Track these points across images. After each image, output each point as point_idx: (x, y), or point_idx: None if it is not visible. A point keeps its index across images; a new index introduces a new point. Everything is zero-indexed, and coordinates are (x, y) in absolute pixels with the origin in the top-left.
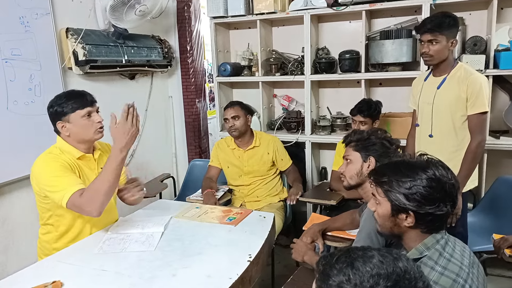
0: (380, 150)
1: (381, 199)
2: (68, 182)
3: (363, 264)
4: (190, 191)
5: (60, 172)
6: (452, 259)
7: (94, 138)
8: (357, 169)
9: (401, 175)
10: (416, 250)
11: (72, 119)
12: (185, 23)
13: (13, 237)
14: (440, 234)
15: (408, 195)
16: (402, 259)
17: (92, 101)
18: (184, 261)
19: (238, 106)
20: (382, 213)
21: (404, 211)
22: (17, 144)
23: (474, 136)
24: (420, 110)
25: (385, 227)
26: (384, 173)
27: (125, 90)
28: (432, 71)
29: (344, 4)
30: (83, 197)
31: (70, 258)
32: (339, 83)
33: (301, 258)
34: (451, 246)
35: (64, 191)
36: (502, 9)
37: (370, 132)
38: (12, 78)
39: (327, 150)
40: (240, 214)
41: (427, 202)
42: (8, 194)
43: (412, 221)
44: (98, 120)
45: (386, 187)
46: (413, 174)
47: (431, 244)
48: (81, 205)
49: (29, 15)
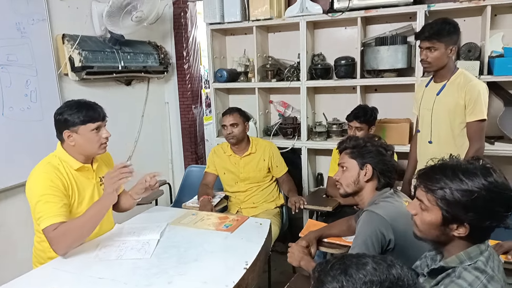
0: (376, 158)
1: (431, 206)
2: (49, 210)
3: (357, 271)
4: (186, 198)
5: (47, 196)
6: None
7: (98, 152)
8: (354, 177)
9: (459, 181)
10: (457, 258)
11: (81, 130)
12: (181, 29)
13: (9, 245)
14: (484, 245)
15: (466, 206)
16: (396, 266)
17: (104, 116)
18: (180, 268)
19: (237, 113)
20: (430, 221)
21: (457, 222)
22: (12, 151)
23: (472, 143)
24: (421, 116)
25: (429, 234)
26: (438, 179)
27: (121, 96)
28: (433, 77)
29: (340, 11)
30: (55, 232)
31: (66, 266)
32: (335, 89)
33: (297, 263)
34: (492, 260)
35: (43, 218)
36: (496, 16)
37: (365, 139)
38: (8, 84)
39: (323, 156)
40: (237, 220)
41: (489, 215)
42: (4, 201)
43: (465, 232)
44: (106, 136)
45: (441, 195)
46: (472, 182)
47: (474, 254)
48: (50, 240)
49: (25, 21)
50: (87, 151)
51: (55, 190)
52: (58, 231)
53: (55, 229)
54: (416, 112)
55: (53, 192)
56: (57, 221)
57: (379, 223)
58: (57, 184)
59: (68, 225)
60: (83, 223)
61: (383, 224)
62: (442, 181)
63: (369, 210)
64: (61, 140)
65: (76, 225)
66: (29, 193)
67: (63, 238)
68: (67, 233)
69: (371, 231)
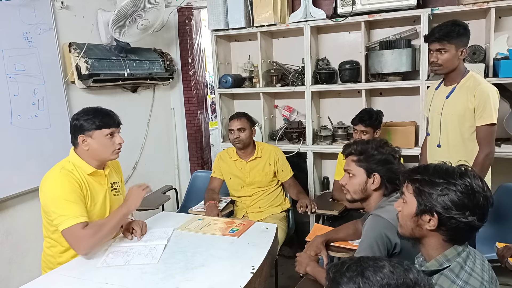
0: (384, 167)
1: (409, 196)
2: (75, 210)
3: (374, 273)
4: (192, 203)
5: (69, 196)
6: (473, 273)
7: (111, 158)
8: (362, 185)
9: (437, 177)
10: (436, 262)
11: (96, 135)
12: (186, 36)
13: (17, 251)
14: (461, 247)
15: (438, 196)
16: (413, 270)
17: (118, 123)
18: (187, 274)
19: (244, 118)
20: (407, 212)
21: (429, 212)
22: (20, 158)
23: (482, 148)
24: (430, 119)
25: (406, 227)
26: (420, 172)
27: (127, 103)
28: (443, 80)
29: (343, 16)
30: (84, 231)
31: (74, 272)
32: (340, 93)
33: (303, 270)
34: (472, 260)
35: (66, 217)
36: (500, 18)
37: (373, 145)
38: (16, 93)
39: (329, 160)
40: (243, 225)
41: (455, 207)
42: (12, 207)
43: (434, 224)
44: (119, 142)
45: (418, 185)
46: (449, 178)
47: (452, 256)
48: (77, 238)
49: (32, 30)
50: (100, 156)
51: (75, 192)
52: (89, 230)
53: (85, 228)
54: (426, 115)
55: (74, 193)
56: (82, 221)
57: (384, 227)
58: (76, 186)
59: (99, 225)
60: (113, 225)
61: (388, 227)
62: (423, 173)
63: (375, 214)
64: (75, 145)
65: (106, 226)
66: (45, 196)
67: (93, 237)
68: (98, 232)
69: (377, 234)
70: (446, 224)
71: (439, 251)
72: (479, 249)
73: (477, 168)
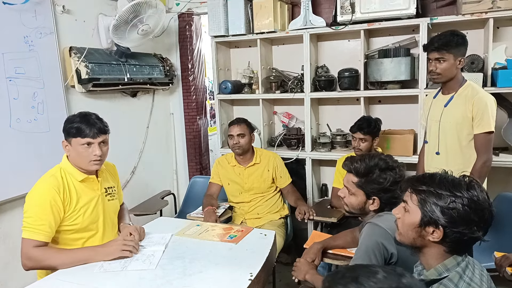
0: (386, 194)
1: (413, 207)
2: (39, 225)
3: (367, 279)
4: (190, 208)
5: (43, 209)
6: (472, 283)
7: (88, 168)
8: (360, 205)
9: (443, 189)
10: (435, 271)
11: (73, 143)
12: (186, 42)
13: (14, 255)
14: (461, 257)
15: (444, 209)
16: (406, 276)
17: (96, 133)
18: (185, 280)
19: (244, 124)
20: (409, 221)
21: (433, 224)
22: (19, 162)
23: (479, 156)
24: (428, 127)
25: (407, 236)
26: (425, 182)
27: (127, 107)
28: (441, 89)
29: (343, 24)
30: (33, 251)
31: (70, 277)
32: (339, 101)
33: (302, 277)
34: (470, 270)
35: (28, 227)
36: (498, 28)
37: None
38: (15, 96)
39: (328, 167)
40: (241, 231)
41: (462, 221)
42: (10, 211)
43: (439, 236)
44: (95, 153)
45: (423, 196)
46: (455, 191)
47: (451, 266)
48: (25, 253)
49: (33, 34)
50: (79, 164)
51: (52, 206)
52: (38, 253)
53: (37, 248)
54: (424, 123)
55: (49, 207)
56: (39, 239)
57: (381, 236)
58: (55, 200)
59: (53, 253)
60: (64, 263)
61: (385, 236)
62: (428, 184)
63: (372, 222)
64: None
65: (57, 260)
66: (26, 199)
67: (37, 262)
68: (45, 261)
69: (373, 243)
70: (451, 237)
71: (438, 260)
72: (477, 258)
73: (475, 175)
